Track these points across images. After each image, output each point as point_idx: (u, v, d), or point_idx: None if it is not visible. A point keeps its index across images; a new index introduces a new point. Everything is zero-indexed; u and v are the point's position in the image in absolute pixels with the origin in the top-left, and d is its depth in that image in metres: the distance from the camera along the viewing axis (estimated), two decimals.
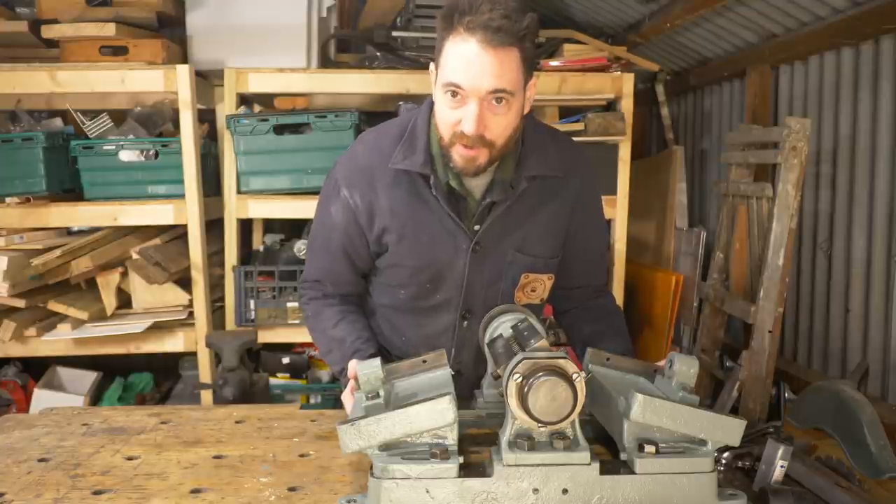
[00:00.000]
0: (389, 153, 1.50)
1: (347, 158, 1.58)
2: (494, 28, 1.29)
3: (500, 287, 1.57)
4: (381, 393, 1.18)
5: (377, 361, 1.20)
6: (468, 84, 1.32)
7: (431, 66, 1.44)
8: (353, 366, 1.40)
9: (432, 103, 1.49)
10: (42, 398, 3.04)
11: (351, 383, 1.39)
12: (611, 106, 3.04)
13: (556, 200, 1.56)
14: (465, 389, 1.48)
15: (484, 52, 1.30)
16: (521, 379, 1.06)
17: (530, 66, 1.39)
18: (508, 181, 1.49)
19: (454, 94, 1.35)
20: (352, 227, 1.55)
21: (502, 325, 1.33)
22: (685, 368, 1.21)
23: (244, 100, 3.09)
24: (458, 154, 1.41)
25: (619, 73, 2.96)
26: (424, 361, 1.32)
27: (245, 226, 3.27)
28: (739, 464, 1.33)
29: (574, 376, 1.06)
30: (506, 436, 1.10)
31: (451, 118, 1.38)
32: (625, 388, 1.18)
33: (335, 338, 1.59)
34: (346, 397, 1.41)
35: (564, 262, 1.63)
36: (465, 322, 1.59)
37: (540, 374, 1.05)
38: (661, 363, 1.30)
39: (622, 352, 1.44)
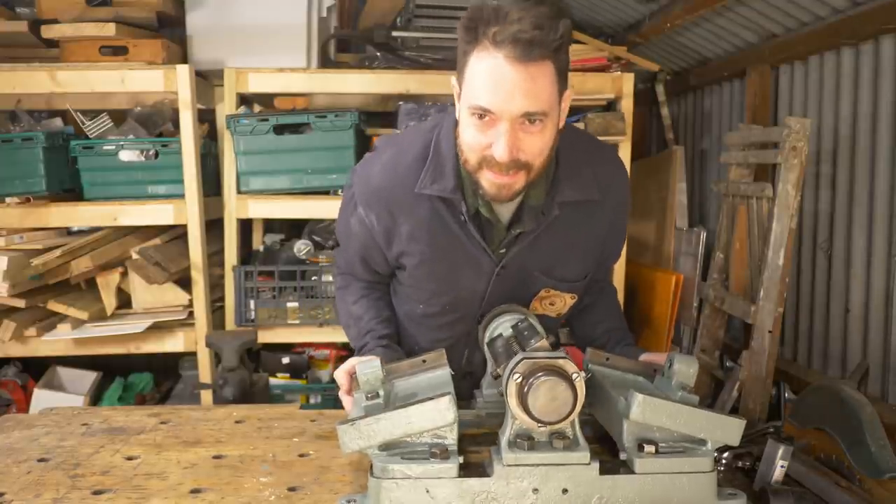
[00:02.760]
0: (408, 175, 1.39)
1: (365, 176, 1.48)
2: (525, 41, 1.13)
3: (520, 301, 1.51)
4: (381, 393, 1.18)
5: (377, 361, 1.20)
6: (497, 107, 1.19)
7: (453, 80, 1.31)
8: (352, 363, 1.39)
9: (455, 119, 1.36)
10: (42, 398, 3.03)
11: (343, 383, 1.38)
12: (611, 106, 3.04)
13: (591, 224, 1.46)
14: (475, 388, 1.48)
15: (513, 69, 1.15)
16: (520, 379, 1.06)
17: (565, 77, 1.25)
18: (539, 208, 1.38)
19: (481, 116, 1.22)
20: (369, 241, 1.51)
21: (502, 325, 1.33)
22: (685, 368, 1.21)
23: (244, 100, 3.09)
24: (488, 181, 1.28)
25: (619, 73, 2.96)
26: (424, 361, 1.32)
27: (245, 226, 3.27)
28: (739, 464, 1.33)
29: (574, 376, 1.06)
30: (506, 436, 1.10)
31: (479, 142, 1.24)
32: (624, 388, 1.18)
33: (353, 314, 1.59)
34: (344, 397, 1.40)
35: None
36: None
37: (540, 373, 1.05)
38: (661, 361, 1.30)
39: (616, 325, 1.46)
